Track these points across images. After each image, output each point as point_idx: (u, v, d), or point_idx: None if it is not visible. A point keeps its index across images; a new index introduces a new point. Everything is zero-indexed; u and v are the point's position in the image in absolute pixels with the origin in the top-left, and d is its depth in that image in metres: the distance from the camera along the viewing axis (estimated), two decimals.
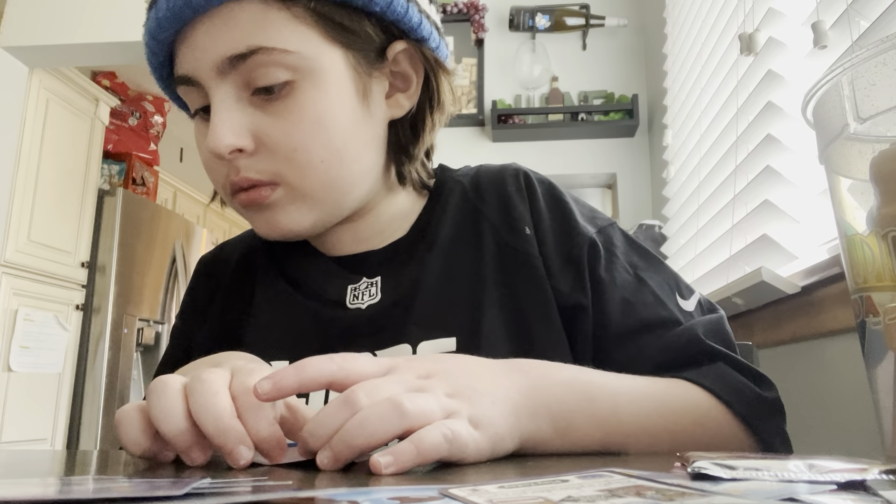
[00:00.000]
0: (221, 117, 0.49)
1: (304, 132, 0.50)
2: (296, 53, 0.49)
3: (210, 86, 0.50)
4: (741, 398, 0.49)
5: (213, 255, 0.70)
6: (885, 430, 0.36)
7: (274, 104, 0.50)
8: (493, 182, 0.62)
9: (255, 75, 0.49)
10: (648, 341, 0.53)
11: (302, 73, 0.50)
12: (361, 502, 0.20)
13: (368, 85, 0.54)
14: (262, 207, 0.53)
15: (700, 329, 0.53)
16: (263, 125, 0.50)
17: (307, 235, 0.56)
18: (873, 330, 0.36)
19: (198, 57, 0.50)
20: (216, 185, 0.56)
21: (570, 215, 0.59)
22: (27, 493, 0.22)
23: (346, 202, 0.56)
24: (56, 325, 2.98)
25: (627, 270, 0.57)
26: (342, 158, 0.52)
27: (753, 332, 1.12)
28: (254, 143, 0.50)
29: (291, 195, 0.52)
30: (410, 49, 0.56)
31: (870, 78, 0.36)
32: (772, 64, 1.12)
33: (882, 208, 0.34)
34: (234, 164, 0.51)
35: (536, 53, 2.33)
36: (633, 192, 2.25)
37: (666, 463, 0.31)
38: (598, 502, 0.20)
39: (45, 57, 2.67)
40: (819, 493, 0.22)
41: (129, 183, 3.64)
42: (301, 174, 0.51)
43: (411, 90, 0.57)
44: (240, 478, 0.30)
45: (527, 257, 0.56)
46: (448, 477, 0.30)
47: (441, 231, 0.60)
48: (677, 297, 0.56)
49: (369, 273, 0.59)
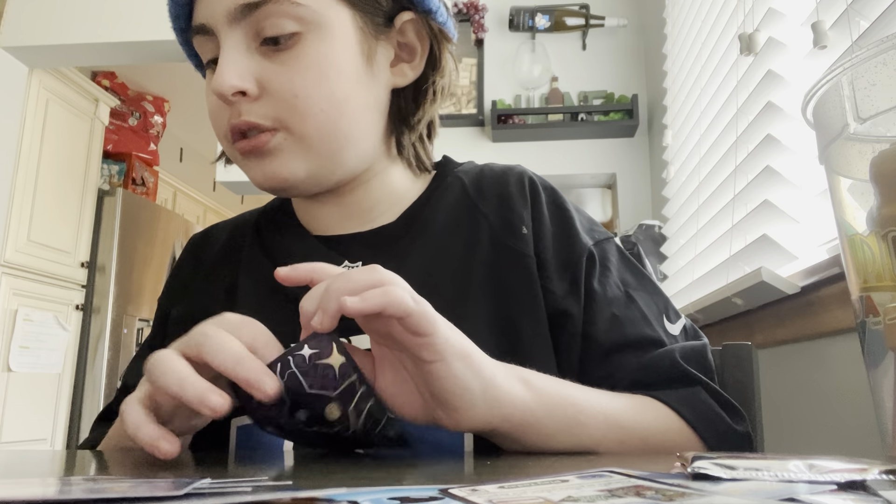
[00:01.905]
0: (228, 60, 0.51)
1: (306, 80, 0.52)
2: (305, 6, 0.51)
3: (221, 32, 0.52)
4: (711, 427, 0.50)
5: (203, 235, 0.70)
6: (885, 430, 0.36)
7: (280, 54, 0.52)
8: (496, 182, 0.62)
9: (265, 25, 0.51)
10: (630, 358, 0.53)
11: (309, 25, 0.52)
12: (361, 502, 0.20)
13: (374, 48, 0.56)
14: (260, 155, 0.54)
15: (681, 353, 0.53)
16: (267, 72, 0.52)
17: (301, 187, 0.57)
18: (873, 330, 0.36)
19: (213, 4, 0.52)
20: (219, 135, 0.57)
21: (572, 223, 0.59)
22: (27, 493, 0.22)
23: (342, 158, 0.56)
24: (56, 326, 2.98)
25: (619, 286, 0.57)
26: (342, 110, 0.54)
27: (753, 332, 1.12)
28: (257, 88, 0.52)
29: (290, 141, 0.53)
30: (418, 20, 0.57)
31: (870, 78, 0.36)
32: (772, 64, 1.12)
33: (882, 208, 0.34)
34: (237, 108, 0.53)
35: (536, 53, 2.33)
36: (632, 192, 2.25)
37: (666, 463, 0.31)
38: (598, 502, 0.20)
39: (44, 57, 2.67)
40: (819, 493, 0.22)
41: (128, 183, 3.64)
42: (301, 120, 0.53)
43: (415, 61, 0.59)
44: (240, 478, 0.30)
45: (520, 256, 0.56)
46: (448, 477, 0.30)
47: (433, 222, 0.59)
48: (664, 320, 0.57)
49: (352, 256, 0.58)
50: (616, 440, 0.47)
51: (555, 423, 0.45)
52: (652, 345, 0.54)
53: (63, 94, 3.06)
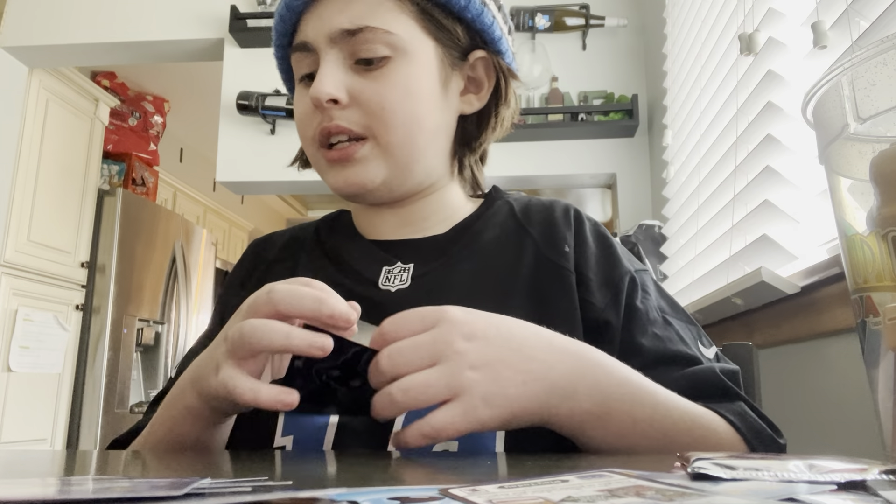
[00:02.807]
0: (326, 73, 0.58)
1: (392, 95, 0.59)
2: (396, 35, 0.59)
3: (322, 49, 0.60)
4: (760, 438, 0.51)
5: (265, 238, 0.75)
6: (885, 430, 0.36)
7: (371, 72, 0.59)
8: (542, 208, 0.67)
9: (361, 48, 0.59)
10: (673, 371, 0.55)
11: (398, 51, 0.59)
12: (361, 502, 0.20)
13: (449, 78, 0.64)
14: (346, 163, 0.60)
15: (721, 370, 0.56)
16: (358, 85, 0.59)
17: (375, 194, 0.63)
18: (873, 330, 0.36)
19: (318, 26, 0.60)
20: (305, 138, 0.63)
21: (614, 250, 0.63)
22: (27, 494, 0.22)
23: (413, 170, 0.63)
24: (56, 326, 2.98)
25: (657, 312, 0.60)
26: (420, 126, 0.61)
27: (753, 332, 1.12)
28: (348, 98, 0.59)
29: (375, 151, 0.60)
30: (488, 59, 0.65)
31: (870, 78, 0.36)
32: (772, 64, 1.12)
33: (882, 208, 0.34)
34: (329, 114, 0.59)
35: (536, 53, 2.33)
36: (632, 192, 2.25)
37: (666, 463, 0.31)
38: (598, 502, 0.20)
39: (44, 57, 2.67)
40: (819, 493, 0.22)
41: (128, 183, 3.64)
42: (386, 129, 0.59)
43: (482, 93, 0.66)
44: (240, 478, 0.30)
45: (561, 269, 0.60)
46: (448, 477, 0.30)
47: (482, 235, 0.65)
48: (699, 344, 0.60)
49: (405, 258, 0.63)
50: (697, 437, 0.48)
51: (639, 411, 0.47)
52: (692, 361, 0.56)
53: (63, 94, 3.06)
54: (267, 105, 2.29)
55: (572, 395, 0.45)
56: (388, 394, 0.41)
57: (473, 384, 0.41)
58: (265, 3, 2.43)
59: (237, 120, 2.38)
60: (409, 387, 0.40)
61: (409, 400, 0.40)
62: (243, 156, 2.38)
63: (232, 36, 2.42)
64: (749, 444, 0.51)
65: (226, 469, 0.34)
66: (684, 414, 0.49)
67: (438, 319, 0.43)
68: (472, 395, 0.41)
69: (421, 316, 0.44)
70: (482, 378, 0.42)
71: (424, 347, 0.42)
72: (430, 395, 0.41)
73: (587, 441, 0.47)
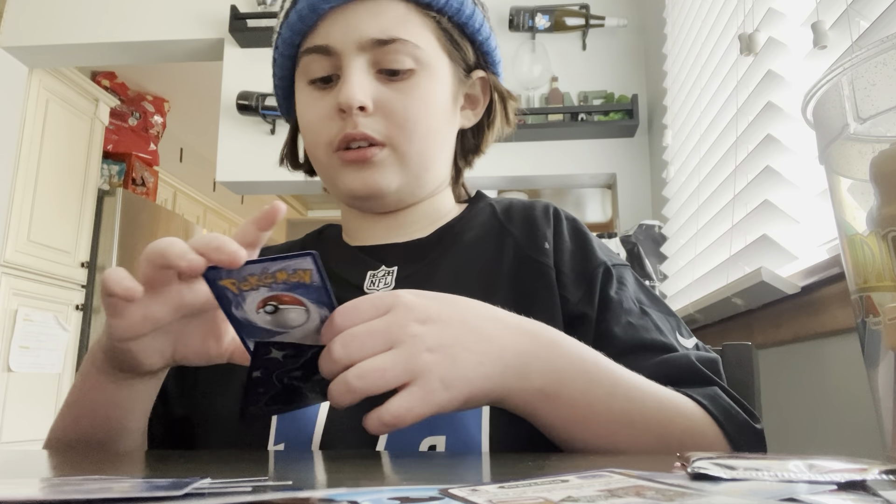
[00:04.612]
0: (355, 80, 0.59)
1: (416, 107, 0.61)
2: (423, 49, 0.61)
3: (349, 56, 0.60)
4: (733, 422, 0.51)
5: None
6: (885, 430, 0.36)
7: (396, 83, 0.61)
8: (523, 208, 0.68)
9: (388, 58, 0.60)
10: (647, 359, 0.55)
11: (422, 65, 0.62)
12: (361, 502, 0.20)
13: (458, 94, 0.67)
14: (363, 166, 0.61)
15: (696, 357, 0.56)
16: (384, 94, 0.60)
17: (389, 198, 0.64)
18: (873, 330, 0.36)
19: (346, 32, 0.60)
20: (319, 142, 0.63)
21: (589, 244, 0.64)
22: (27, 494, 0.22)
23: (425, 179, 0.65)
24: (56, 326, 2.98)
25: (634, 302, 0.60)
26: (436, 138, 0.64)
27: (753, 332, 1.12)
28: (374, 106, 0.60)
29: (392, 158, 0.61)
30: (487, 78, 0.69)
31: (870, 78, 0.36)
32: (772, 64, 1.12)
33: (882, 208, 0.34)
34: (353, 120, 0.60)
35: (536, 53, 2.33)
36: (632, 192, 2.25)
37: (666, 463, 0.31)
38: (598, 502, 0.20)
39: (44, 57, 2.67)
40: (819, 493, 0.22)
41: (128, 183, 3.64)
42: (407, 139, 0.61)
43: (477, 110, 0.70)
44: (240, 478, 0.30)
45: (542, 266, 0.61)
46: (448, 477, 0.30)
47: (463, 236, 0.66)
48: (677, 334, 0.60)
49: (389, 262, 0.64)
50: (652, 429, 0.48)
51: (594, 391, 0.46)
52: (666, 350, 0.56)
53: (63, 94, 3.06)
54: (267, 105, 2.29)
55: (526, 374, 0.44)
56: (343, 381, 0.39)
57: (431, 366, 0.41)
58: (265, 3, 2.43)
59: (237, 120, 2.38)
60: (365, 372, 0.39)
61: (366, 385, 0.39)
62: (243, 156, 2.38)
63: (232, 36, 2.42)
64: (721, 426, 0.50)
65: (226, 469, 0.34)
66: (649, 396, 0.48)
67: (392, 305, 0.42)
68: (430, 378, 0.41)
69: (373, 302, 0.43)
70: (440, 360, 0.41)
71: (379, 332, 0.41)
72: (387, 379, 0.40)
73: (541, 421, 0.46)
